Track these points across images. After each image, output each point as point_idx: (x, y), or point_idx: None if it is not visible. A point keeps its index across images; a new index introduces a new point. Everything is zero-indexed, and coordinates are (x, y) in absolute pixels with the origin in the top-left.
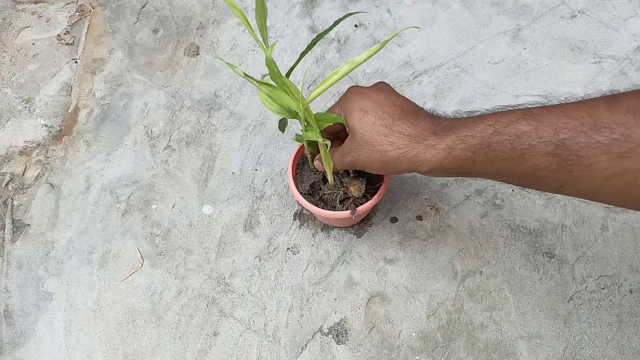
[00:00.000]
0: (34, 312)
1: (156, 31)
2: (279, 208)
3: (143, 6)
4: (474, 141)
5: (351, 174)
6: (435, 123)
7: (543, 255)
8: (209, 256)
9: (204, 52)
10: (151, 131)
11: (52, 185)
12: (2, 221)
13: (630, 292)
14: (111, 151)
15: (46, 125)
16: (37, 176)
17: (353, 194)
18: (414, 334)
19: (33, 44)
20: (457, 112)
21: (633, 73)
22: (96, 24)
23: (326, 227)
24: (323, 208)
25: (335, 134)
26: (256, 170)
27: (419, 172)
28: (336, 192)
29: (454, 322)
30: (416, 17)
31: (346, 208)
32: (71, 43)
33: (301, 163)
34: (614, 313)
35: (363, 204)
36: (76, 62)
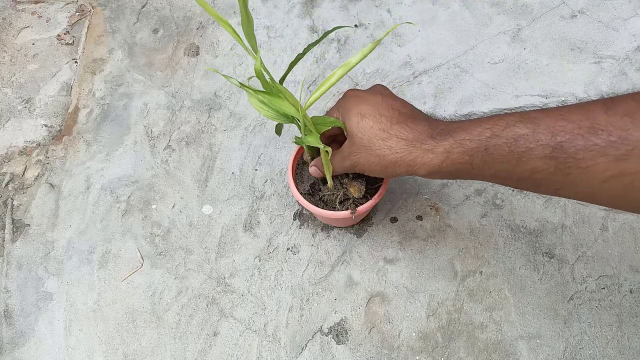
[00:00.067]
0: (34, 312)
1: (156, 31)
2: (279, 208)
3: (143, 6)
4: (472, 145)
5: (350, 175)
6: (432, 127)
7: (543, 255)
8: (209, 256)
9: (204, 52)
10: (151, 131)
11: (52, 185)
12: (2, 221)
13: (630, 292)
14: (111, 151)
15: (46, 125)
16: (37, 176)
17: (353, 195)
18: (414, 334)
19: (33, 44)
20: (457, 112)
21: (633, 73)
22: (96, 24)
23: (326, 227)
24: (323, 208)
25: (333, 137)
26: (256, 170)
27: (418, 175)
28: (336, 193)
29: (454, 322)
30: (416, 17)
31: (346, 209)
32: (71, 43)
33: (301, 163)
34: (614, 313)
35: (363, 204)
36: (76, 62)
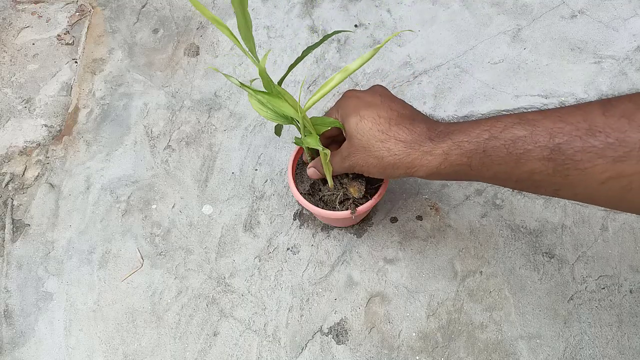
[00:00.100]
0: (34, 312)
1: (156, 31)
2: (279, 208)
3: (143, 6)
4: (470, 147)
5: (350, 175)
6: (431, 128)
7: (543, 255)
8: (209, 256)
9: (204, 52)
10: (151, 131)
11: (52, 185)
12: (2, 221)
13: (630, 292)
14: (111, 151)
15: (46, 125)
16: (37, 176)
17: (353, 195)
18: (414, 334)
19: (33, 44)
20: (457, 112)
21: (633, 73)
22: (96, 24)
23: (326, 227)
24: (323, 207)
25: (333, 138)
26: (256, 170)
27: (416, 177)
28: (336, 194)
29: (454, 322)
30: (416, 17)
31: (346, 208)
32: (71, 43)
33: (301, 163)
34: (614, 313)
35: (363, 204)
36: (76, 62)
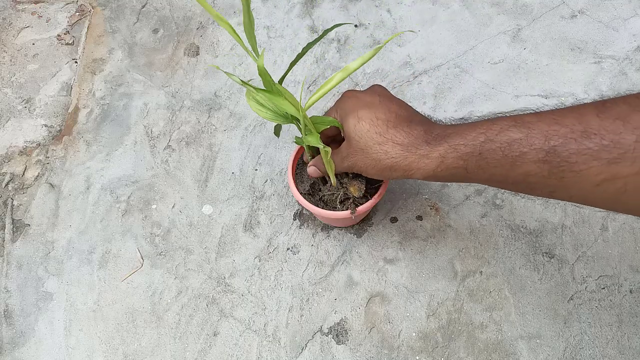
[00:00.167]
0: (34, 312)
1: (156, 31)
2: (279, 208)
3: (143, 6)
4: (466, 149)
5: (350, 174)
6: (428, 131)
7: (543, 255)
8: (209, 256)
9: (204, 52)
10: (151, 131)
11: (52, 185)
12: (2, 221)
13: (630, 292)
14: (111, 151)
15: (46, 125)
16: (37, 176)
17: (353, 194)
18: (414, 334)
19: (33, 44)
20: (457, 112)
21: (633, 73)
22: (96, 24)
23: (326, 227)
24: (323, 207)
25: (332, 137)
26: (256, 170)
27: (414, 179)
28: (336, 193)
29: (454, 322)
30: (416, 17)
31: (346, 208)
32: (71, 43)
33: (301, 163)
34: (614, 313)
35: (363, 204)
36: (76, 62)
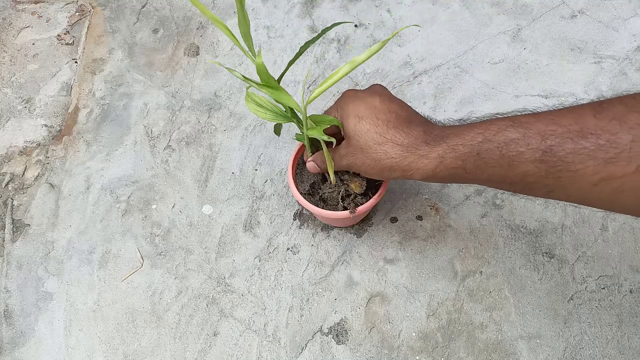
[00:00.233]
0: (34, 312)
1: (156, 31)
2: (279, 208)
3: (143, 6)
4: (464, 150)
5: (350, 172)
6: (427, 132)
7: (543, 255)
8: (209, 256)
9: (204, 52)
10: (151, 131)
11: (52, 185)
12: (2, 221)
13: (630, 292)
14: (111, 151)
15: (46, 125)
16: (37, 176)
17: (354, 191)
18: (414, 334)
19: (33, 44)
20: (457, 112)
21: (633, 73)
22: (96, 24)
23: (326, 227)
24: (323, 207)
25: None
26: (256, 170)
27: (413, 179)
28: (337, 190)
29: (454, 322)
30: (416, 17)
31: (348, 204)
32: (71, 43)
33: (301, 163)
34: (614, 313)
35: (363, 204)
36: (76, 62)
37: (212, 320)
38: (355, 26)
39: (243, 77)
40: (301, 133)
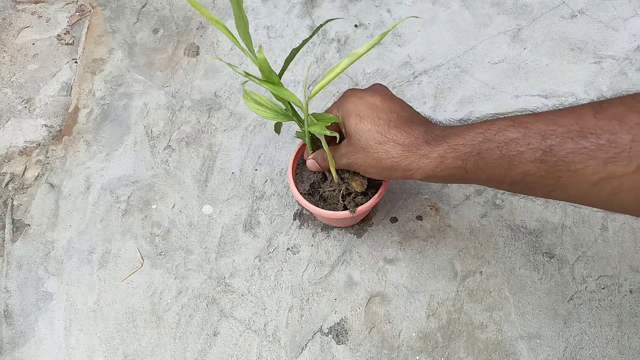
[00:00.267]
0: (34, 312)
1: (156, 31)
2: (279, 208)
3: (143, 6)
4: (465, 149)
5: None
6: (428, 132)
7: (543, 255)
8: (209, 256)
9: (204, 52)
10: (151, 131)
11: (52, 185)
12: (2, 221)
13: (630, 292)
14: (111, 151)
15: (46, 125)
16: (37, 176)
17: (355, 189)
18: (414, 334)
19: (33, 44)
20: (457, 112)
21: (633, 73)
22: (96, 24)
23: (326, 227)
24: (323, 207)
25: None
26: (256, 170)
27: (414, 179)
28: (338, 189)
29: (454, 322)
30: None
31: (348, 203)
32: (71, 43)
33: (301, 163)
34: (614, 313)
35: (363, 204)
36: (76, 62)
37: (212, 320)
38: (355, 26)
39: (245, 74)
40: (301, 131)
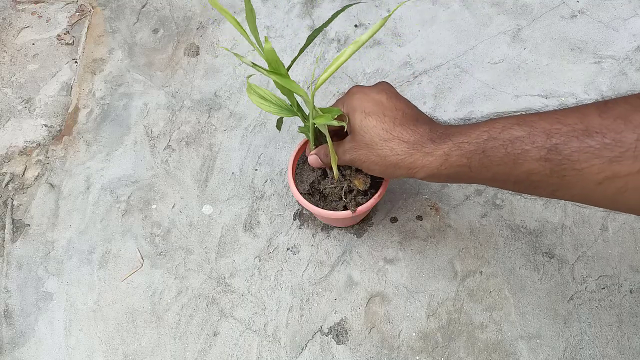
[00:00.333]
0: (34, 312)
1: (156, 31)
2: (279, 208)
3: (143, 6)
4: (470, 147)
5: (353, 167)
6: (433, 130)
7: (543, 255)
8: (209, 256)
9: (204, 52)
10: (151, 131)
11: (52, 185)
12: (2, 221)
13: (630, 292)
14: (111, 151)
15: (46, 125)
16: (37, 176)
17: (358, 187)
18: (414, 334)
19: (33, 44)
20: (457, 112)
21: (633, 73)
22: (96, 24)
23: (326, 227)
24: (323, 206)
25: (334, 132)
26: (256, 170)
27: (417, 178)
28: (340, 186)
29: (454, 322)
30: (416, 17)
31: (349, 202)
32: (71, 43)
33: (301, 163)
34: (614, 313)
35: (363, 204)
36: (76, 62)
37: (212, 320)
38: (355, 26)
39: (252, 64)
40: (305, 126)
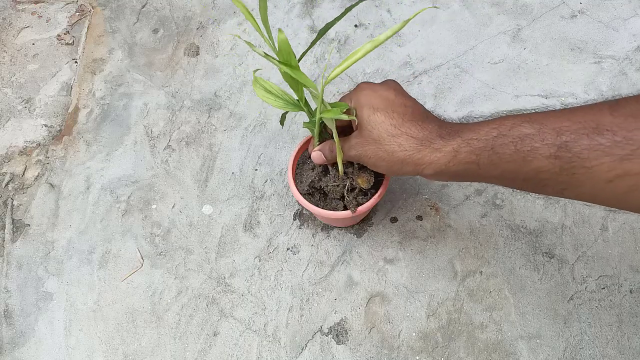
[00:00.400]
0: (34, 312)
1: (156, 31)
2: (279, 208)
3: (143, 6)
4: (479, 144)
5: (356, 165)
6: (441, 127)
7: (543, 255)
8: (209, 256)
9: (204, 52)
10: (151, 131)
11: (52, 185)
12: (2, 221)
13: (630, 292)
14: (111, 151)
15: (46, 125)
16: (37, 176)
17: (361, 186)
18: (414, 334)
19: (33, 44)
20: (457, 112)
21: (633, 73)
22: (96, 24)
23: (326, 227)
24: (323, 206)
25: (340, 128)
26: (256, 170)
27: (424, 176)
28: (342, 184)
29: (454, 322)
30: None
31: (350, 202)
32: (71, 43)
33: (301, 163)
34: (614, 313)
35: (363, 204)
36: (76, 62)
37: (212, 320)
38: (355, 26)
39: (265, 55)
40: (310, 121)
